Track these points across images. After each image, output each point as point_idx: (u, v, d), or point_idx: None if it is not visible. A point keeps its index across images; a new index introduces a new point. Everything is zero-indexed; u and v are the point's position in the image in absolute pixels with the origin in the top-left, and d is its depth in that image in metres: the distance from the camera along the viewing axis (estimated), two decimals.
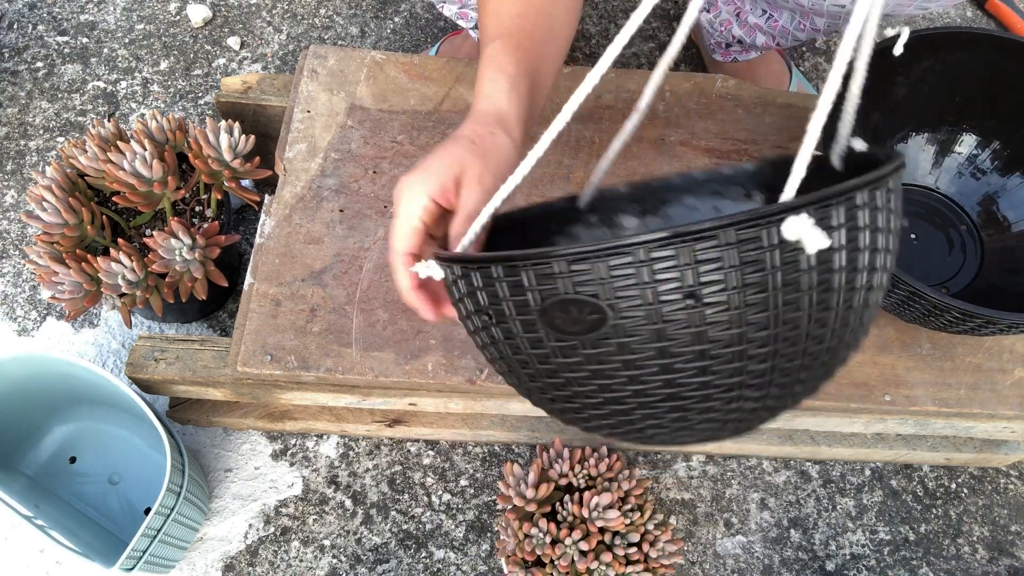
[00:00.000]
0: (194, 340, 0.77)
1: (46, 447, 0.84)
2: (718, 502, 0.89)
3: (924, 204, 0.83)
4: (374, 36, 1.15)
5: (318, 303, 0.72)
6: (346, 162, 0.79)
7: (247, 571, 0.83)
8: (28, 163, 1.02)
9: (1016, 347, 0.76)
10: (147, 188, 0.77)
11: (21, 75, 1.08)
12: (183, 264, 0.76)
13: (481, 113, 0.53)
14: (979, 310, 0.61)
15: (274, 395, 0.77)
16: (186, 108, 1.07)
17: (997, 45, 0.74)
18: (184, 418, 0.86)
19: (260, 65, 1.11)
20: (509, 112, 0.53)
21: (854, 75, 0.40)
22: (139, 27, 1.13)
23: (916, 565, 0.88)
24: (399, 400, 0.76)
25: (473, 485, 0.88)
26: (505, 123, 0.53)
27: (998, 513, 0.91)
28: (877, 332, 0.75)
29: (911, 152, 0.83)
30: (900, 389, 0.73)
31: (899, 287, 0.64)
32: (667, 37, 1.18)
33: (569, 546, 0.73)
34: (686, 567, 0.86)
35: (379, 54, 0.85)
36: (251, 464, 0.88)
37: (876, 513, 0.90)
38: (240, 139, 0.78)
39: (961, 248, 0.81)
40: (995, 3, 1.24)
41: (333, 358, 0.70)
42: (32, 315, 0.94)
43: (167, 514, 0.71)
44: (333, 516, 0.86)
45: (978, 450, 0.88)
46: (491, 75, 0.55)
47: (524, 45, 0.56)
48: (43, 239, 0.75)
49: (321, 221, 0.76)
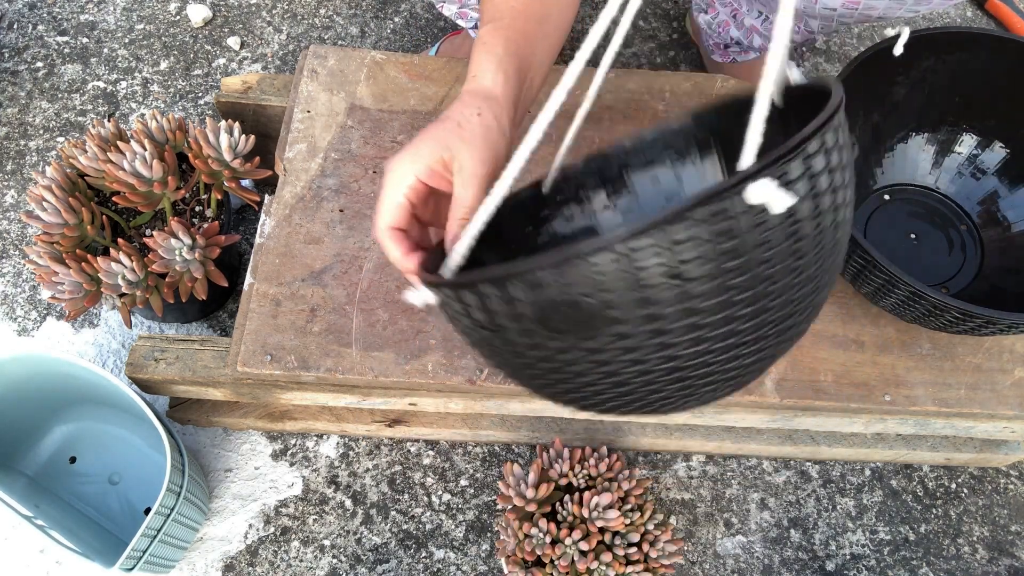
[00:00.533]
0: (194, 340, 0.77)
1: (46, 447, 0.84)
2: (718, 502, 0.89)
3: (924, 204, 0.83)
4: (374, 36, 1.15)
5: (318, 303, 0.72)
6: (346, 162, 0.79)
7: (247, 571, 0.83)
8: (28, 163, 1.02)
9: (1016, 347, 0.76)
10: (147, 188, 0.77)
11: (21, 75, 1.08)
12: (183, 264, 0.76)
13: (468, 93, 0.54)
14: (979, 310, 0.61)
15: (274, 395, 0.77)
16: (186, 108, 1.07)
17: (997, 45, 0.74)
18: (184, 418, 0.86)
19: (260, 65, 1.11)
20: (495, 91, 0.53)
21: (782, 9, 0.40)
22: (139, 27, 1.13)
23: (916, 565, 0.88)
24: (399, 400, 0.77)
25: (473, 485, 0.88)
26: (491, 101, 0.53)
27: (998, 513, 0.91)
28: (877, 332, 0.75)
29: (911, 152, 0.83)
30: (900, 389, 0.73)
31: (899, 287, 0.64)
32: (667, 37, 1.18)
33: (569, 546, 0.73)
34: (686, 567, 0.86)
35: (379, 54, 0.85)
36: (251, 464, 0.88)
37: (876, 513, 0.90)
38: (240, 139, 0.78)
39: (961, 248, 0.81)
40: (995, 3, 1.24)
41: (333, 358, 0.70)
42: (32, 315, 0.94)
43: (167, 514, 0.71)
44: (333, 516, 0.86)
45: (978, 450, 0.88)
46: (479, 56, 0.55)
47: (516, 26, 0.57)
48: (43, 239, 0.75)
49: (321, 221, 0.76)
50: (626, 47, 1.17)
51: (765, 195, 0.34)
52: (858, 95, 0.74)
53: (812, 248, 0.38)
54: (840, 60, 1.19)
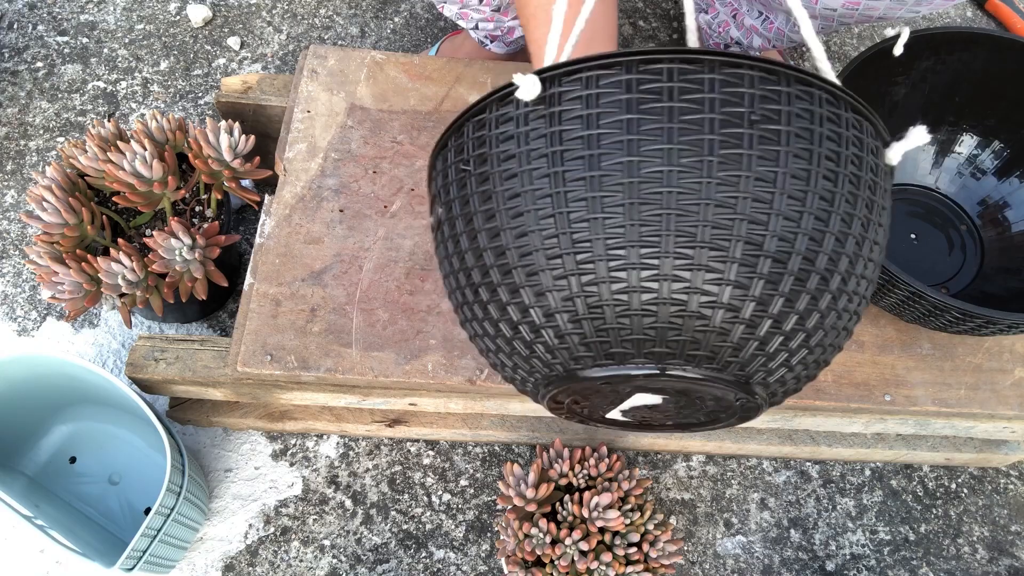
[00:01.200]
0: (194, 340, 0.77)
1: (46, 447, 0.84)
2: (718, 502, 0.89)
3: (924, 204, 0.83)
4: (374, 36, 1.15)
5: (318, 303, 0.72)
6: (346, 162, 0.79)
7: (247, 571, 0.83)
8: (28, 163, 1.02)
9: (1016, 347, 0.76)
10: (147, 188, 0.77)
11: (21, 75, 1.08)
12: (183, 264, 0.76)
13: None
14: (979, 310, 0.61)
15: (274, 395, 0.77)
16: (186, 108, 1.07)
17: (997, 45, 0.74)
18: (184, 418, 0.86)
19: (260, 65, 1.11)
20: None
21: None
22: (139, 27, 1.13)
23: (916, 565, 0.88)
24: (399, 400, 0.77)
25: (473, 485, 0.88)
26: None
27: (998, 513, 0.91)
28: (877, 332, 0.75)
29: (911, 152, 0.83)
30: (900, 389, 0.73)
31: (899, 287, 0.64)
32: (667, 37, 1.18)
33: (569, 546, 0.73)
34: (686, 567, 0.86)
35: (379, 54, 0.85)
36: (251, 464, 0.88)
37: (876, 513, 0.90)
38: (240, 139, 0.78)
39: (961, 248, 0.81)
40: (995, 3, 1.24)
41: (333, 358, 0.70)
42: (32, 315, 0.94)
43: (167, 514, 0.71)
44: (333, 516, 0.86)
45: (978, 450, 0.88)
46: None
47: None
48: (43, 239, 0.75)
49: (321, 221, 0.76)
50: (626, 47, 1.17)
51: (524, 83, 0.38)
52: (858, 95, 0.74)
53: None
54: (840, 60, 1.19)
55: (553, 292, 0.40)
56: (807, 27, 0.42)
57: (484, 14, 0.93)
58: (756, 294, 0.38)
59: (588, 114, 0.38)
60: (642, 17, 1.21)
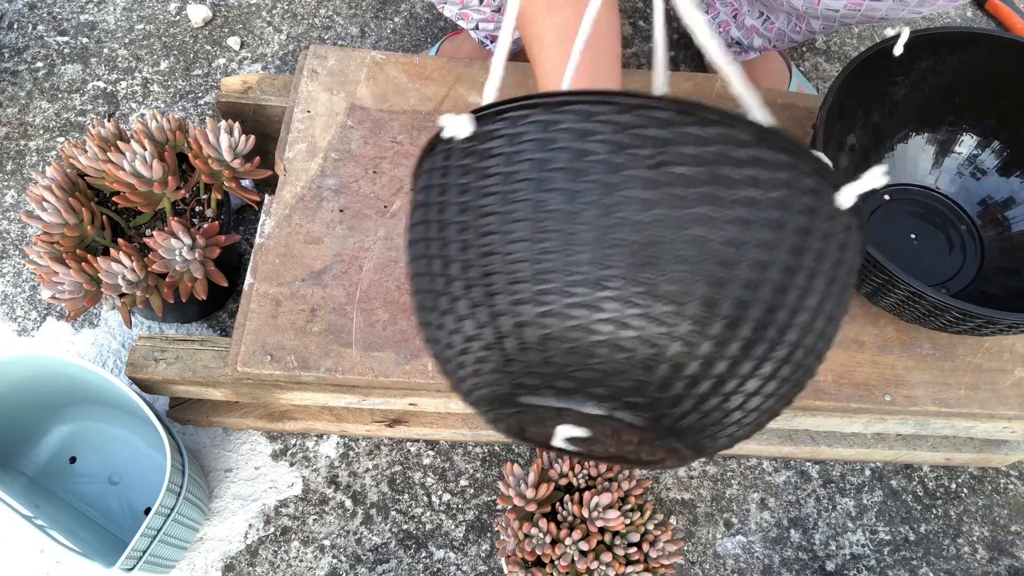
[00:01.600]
0: (194, 340, 0.77)
1: (46, 447, 0.84)
2: (718, 502, 0.89)
3: (924, 204, 0.83)
4: (374, 36, 1.15)
5: (318, 303, 0.72)
6: (346, 162, 0.79)
7: (247, 571, 0.83)
8: (28, 163, 1.02)
9: (1016, 347, 0.76)
10: (147, 188, 0.77)
11: (21, 75, 1.08)
12: (183, 264, 0.76)
13: None
14: (979, 310, 0.61)
15: (274, 395, 0.77)
16: (186, 108, 1.07)
17: (997, 45, 0.74)
18: (184, 418, 0.86)
19: (260, 65, 1.11)
20: None
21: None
22: (139, 27, 1.13)
23: (916, 565, 0.88)
24: (399, 400, 0.77)
25: (473, 485, 0.88)
26: None
27: (998, 513, 0.91)
28: (877, 332, 0.75)
29: (911, 152, 0.83)
30: (900, 389, 0.73)
31: (899, 287, 0.64)
32: (667, 37, 1.18)
33: (569, 546, 0.73)
34: (686, 567, 0.86)
35: (379, 54, 0.85)
36: (251, 464, 0.88)
37: (876, 513, 0.90)
38: (240, 139, 0.78)
39: (961, 248, 0.81)
40: (995, 3, 1.24)
41: (333, 358, 0.70)
42: (32, 315, 0.94)
43: (167, 514, 0.71)
44: (333, 516, 0.86)
45: (978, 450, 0.88)
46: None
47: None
48: (43, 239, 0.75)
49: (321, 221, 0.76)
50: (626, 47, 1.17)
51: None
52: (858, 95, 0.74)
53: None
54: (840, 60, 1.19)
55: (468, 320, 0.42)
56: (715, 52, 0.42)
57: (484, 14, 0.93)
58: (644, 330, 0.39)
59: (509, 152, 0.40)
60: (642, 17, 1.21)
